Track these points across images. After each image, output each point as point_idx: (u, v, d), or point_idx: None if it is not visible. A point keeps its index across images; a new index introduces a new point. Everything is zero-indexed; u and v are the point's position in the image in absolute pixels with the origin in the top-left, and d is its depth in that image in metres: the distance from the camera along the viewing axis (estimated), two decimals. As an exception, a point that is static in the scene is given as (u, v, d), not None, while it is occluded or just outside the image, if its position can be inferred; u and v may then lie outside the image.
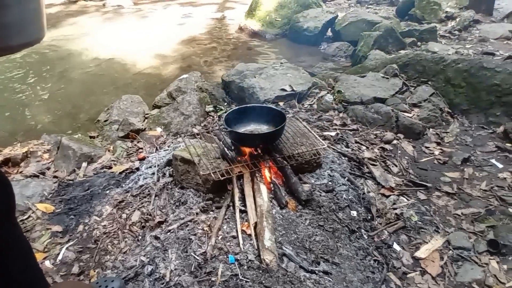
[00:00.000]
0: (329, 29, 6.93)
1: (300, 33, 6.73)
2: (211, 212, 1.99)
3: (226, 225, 1.93)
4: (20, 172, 2.88)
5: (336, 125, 3.27)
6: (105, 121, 3.77)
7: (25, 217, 2.38)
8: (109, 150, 3.16)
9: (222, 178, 1.89)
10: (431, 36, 6.07)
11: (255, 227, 1.86)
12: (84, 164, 2.85)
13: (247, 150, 2.18)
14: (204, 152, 2.14)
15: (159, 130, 3.38)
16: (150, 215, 2.07)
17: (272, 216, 1.92)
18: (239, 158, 2.15)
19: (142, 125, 3.56)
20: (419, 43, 5.93)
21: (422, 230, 2.22)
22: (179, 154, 2.14)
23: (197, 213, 1.97)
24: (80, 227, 2.23)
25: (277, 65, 4.32)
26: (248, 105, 2.36)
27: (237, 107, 2.36)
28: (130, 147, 3.17)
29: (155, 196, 2.18)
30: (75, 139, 3.07)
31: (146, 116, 3.81)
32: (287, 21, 7.22)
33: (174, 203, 2.08)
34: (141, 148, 3.12)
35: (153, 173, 2.43)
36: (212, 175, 1.90)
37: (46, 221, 2.33)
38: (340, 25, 6.65)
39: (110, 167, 2.85)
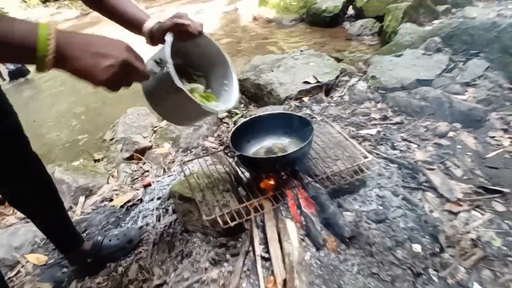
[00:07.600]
0: (350, 6, 6.34)
1: (318, 15, 6.16)
2: (225, 264, 1.50)
3: (245, 281, 1.43)
4: (15, 213, 2.54)
5: (375, 119, 2.69)
6: (111, 139, 3.39)
7: (13, 273, 2.01)
8: (112, 176, 2.76)
9: (232, 224, 1.39)
10: (466, 0, 5.30)
11: (284, 284, 1.37)
12: (82, 199, 2.46)
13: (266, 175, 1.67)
14: (210, 182, 1.65)
15: (167, 146, 2.93)
16: (148, 272, 1.61)
17: (307, 266, 1.41)
18: (256, 187, 1.64)
19: (150, 141, 3.13)
20: (453, 10, 5.18)
21: (510, 258, 1.63)
22: (177, 190, 1.65)
23: (206, 268, 1.48)
24: (73, 285, 1.82)
25: (296, 54, 3.76)
26: (261, 114, 1.83)
27: (247, 119, 1.82)
28: (135, 171, 2.74)
29: (153, 244, 1.72)
30: (71, 168, 2.67)
31: (154, 129, 3.38)
32: (303, 4, 6.66)
33: (175, 256, 1.60)
34: (147, 171, 2.68)
35: (153, 209, 1.97)
36: (219, 219, 1.40)
37: (37, 277, 1.95)
38: (362, 1, 6.02)
39: (111, 199, 2.43)
